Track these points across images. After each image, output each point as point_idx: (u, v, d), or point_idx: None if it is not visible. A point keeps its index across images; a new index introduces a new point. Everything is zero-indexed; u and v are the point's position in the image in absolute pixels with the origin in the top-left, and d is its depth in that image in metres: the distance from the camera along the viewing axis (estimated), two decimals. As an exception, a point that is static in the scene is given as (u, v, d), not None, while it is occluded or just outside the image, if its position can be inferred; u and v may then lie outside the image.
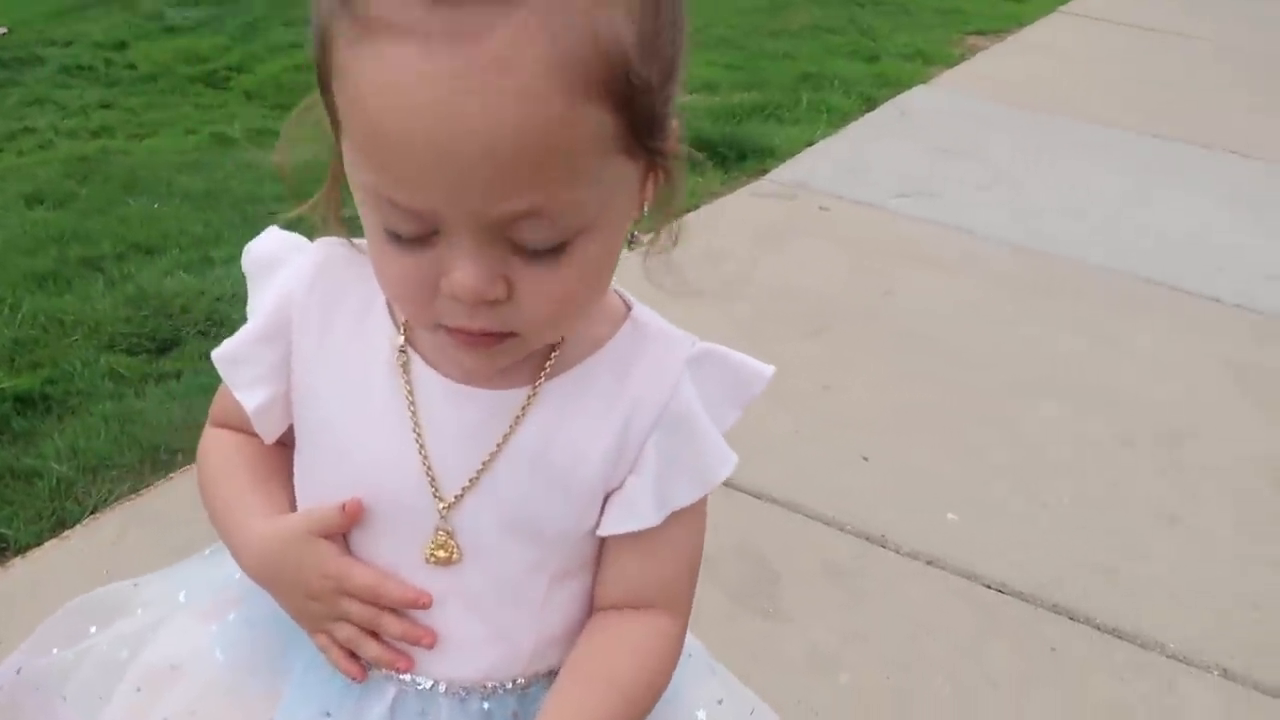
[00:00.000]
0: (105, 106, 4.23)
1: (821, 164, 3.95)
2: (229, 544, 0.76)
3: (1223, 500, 2.21)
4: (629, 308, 0.71)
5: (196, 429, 1.92)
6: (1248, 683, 1.72)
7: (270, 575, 0.73)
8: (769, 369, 0.71)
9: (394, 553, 0.71)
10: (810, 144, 4.14)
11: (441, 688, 0.71)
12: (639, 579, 0.72)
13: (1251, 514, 2.18)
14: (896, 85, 5.15)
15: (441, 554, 0.70)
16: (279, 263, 0.76)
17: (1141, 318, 3.04)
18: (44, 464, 1.84)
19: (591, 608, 0.74)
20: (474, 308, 0.59)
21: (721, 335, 0.74)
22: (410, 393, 0.69)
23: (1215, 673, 1.74)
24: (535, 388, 0.68)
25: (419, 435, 0.69)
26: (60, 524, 1.73)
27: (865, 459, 2.19)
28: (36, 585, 1.62)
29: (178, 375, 2.17)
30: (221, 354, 0.76)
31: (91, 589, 1.51)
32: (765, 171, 3.81)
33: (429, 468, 0.69)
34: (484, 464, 0.68)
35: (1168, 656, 1.76)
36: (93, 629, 0.88)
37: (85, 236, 2.76)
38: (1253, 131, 5.10)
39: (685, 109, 2.34)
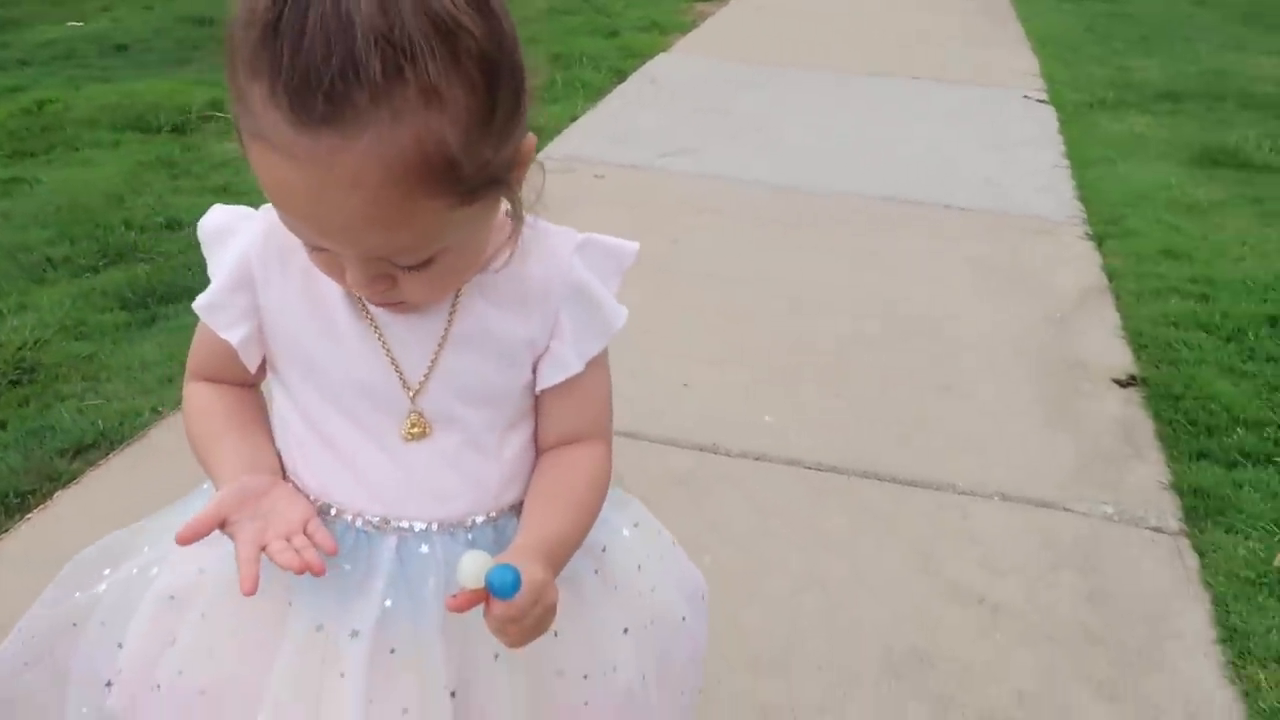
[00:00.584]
0: None
1: (588, 136, 4.19)
2: (213, 481, 0.88)
3: (980, 368, 2.61)
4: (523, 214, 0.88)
5: (38, 472, 1.93)
6: (1019, 499, 2.10)
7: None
8: (634, 244, 0.91)
9: (378, 435, 0.86)
10: (574, 119, 4.37)
11: (434, 528, 0.87)
12: (573, 418, 0.90)
13: (1003, 374, 2.59)
14: (640, 55, 5.47)
15: (416, 430, 0.86)
16: (230, 230, 0.88)
17: (889, 231, 3.46)
18: (-113, 530, 1.79)
19: (537, 450, 0.92)
20: (371, 295, 0.79)
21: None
22: (367, 313, 0.84)
23: (996, 498, 2.10)
24: (459, 290, 0.84)
25: (383, 341, 0.84)
26: (-77, 583, 1.70)
27: (685, 385, 2.45)
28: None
29: (2, 426, 2.13)
30: (202, 304, 0.87)
31: None
32: (539, 149, 4.00)
33: (396, 366, 0.84)
34: (434, 355, 0.84)
35: (958, 494, 2.11)
36: (106, 571, 0.97)
37: None
38: (959, 62, 5.76)
39: None
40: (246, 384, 0.94)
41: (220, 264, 0.87)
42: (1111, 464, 2.23)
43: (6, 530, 1.83)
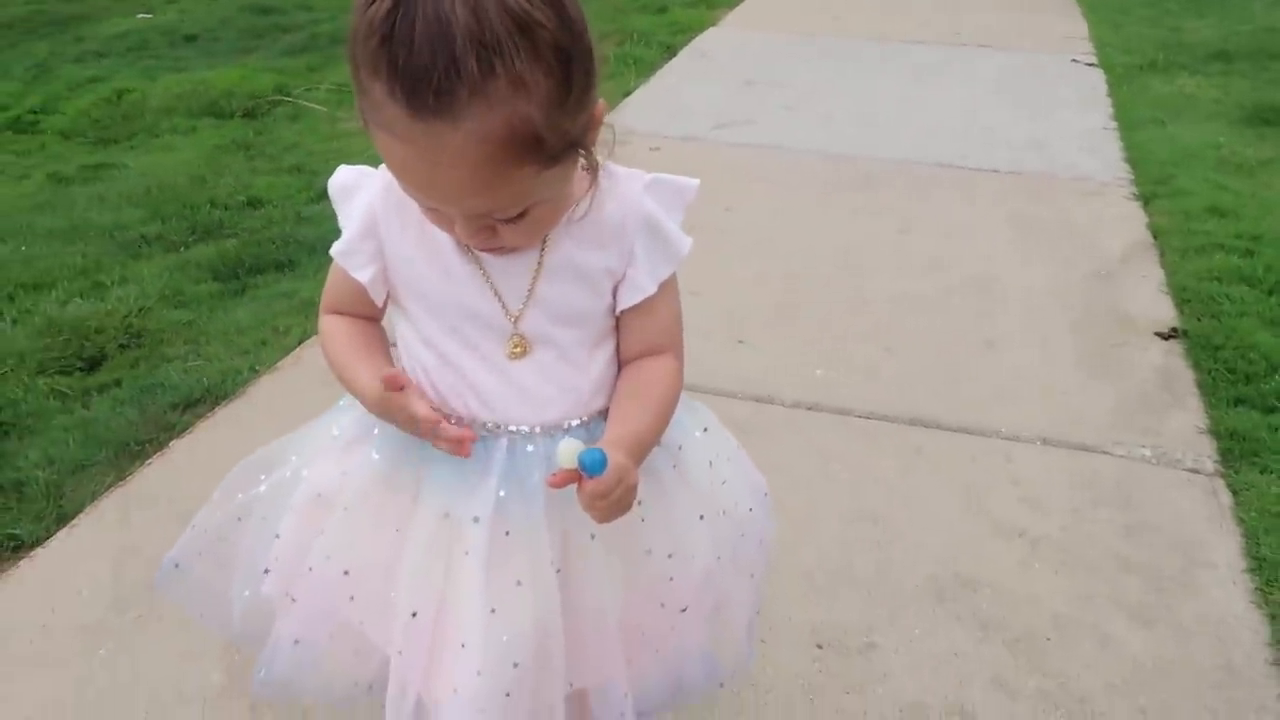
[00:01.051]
0: (-83, 170, 4.15)
1: (643, 110, 4.32)
2: (354, 394, 1.05)
3: (1024, 324, 2.72)
4: (601, 161, 1.03)
5: (155, 423, 2.13)
6: (1060, 444, 2.21)
7: (380, 413, 1.02)
8: (695, 181, 1.05)
9: (488, 355, 1.01)
10: (628, 94, 4.50)
11: (537, 429, 1.02)
12: (650, 333, 1.05)
13: (1046, 328, 2.69)
14: (689, 30, 5.58)
15: (518, 350, 1.01)
16: (356, 186, 1.04)
17: (937, 194, 3.55)
18: (28, 473, 2.01)
19: (620, 363, 1.07)
20: (475, 243, 0.94)
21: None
22: (473, 254, 0.99)
23: (1038, 443, 2.22)
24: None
25: (487, 277, 0.99)
26: (62, 519, 1.91)
27: (741, 342, 2.59)
28: (56, 574, 1.80)
29: (118, 383, 2.34)
30: (338, 250, 1.04)
31: (108, 570, 1.74)
32: (594, 125, 4.15)
33: (498, 295, 1.00)
34: (530, 286, 0.99)
35: (1002, 439, 2.23)
36: (263, 475, 1.14)
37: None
38: (1005, 28, 5.79)
39: None
40: (371, 318, 1.10)
41: (349, 215, 1.03)
42: (1151, 411, 2.33)
43: (132, 473, 2.04)
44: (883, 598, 1.78)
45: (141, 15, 6.49)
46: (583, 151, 0.90)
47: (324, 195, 1.04)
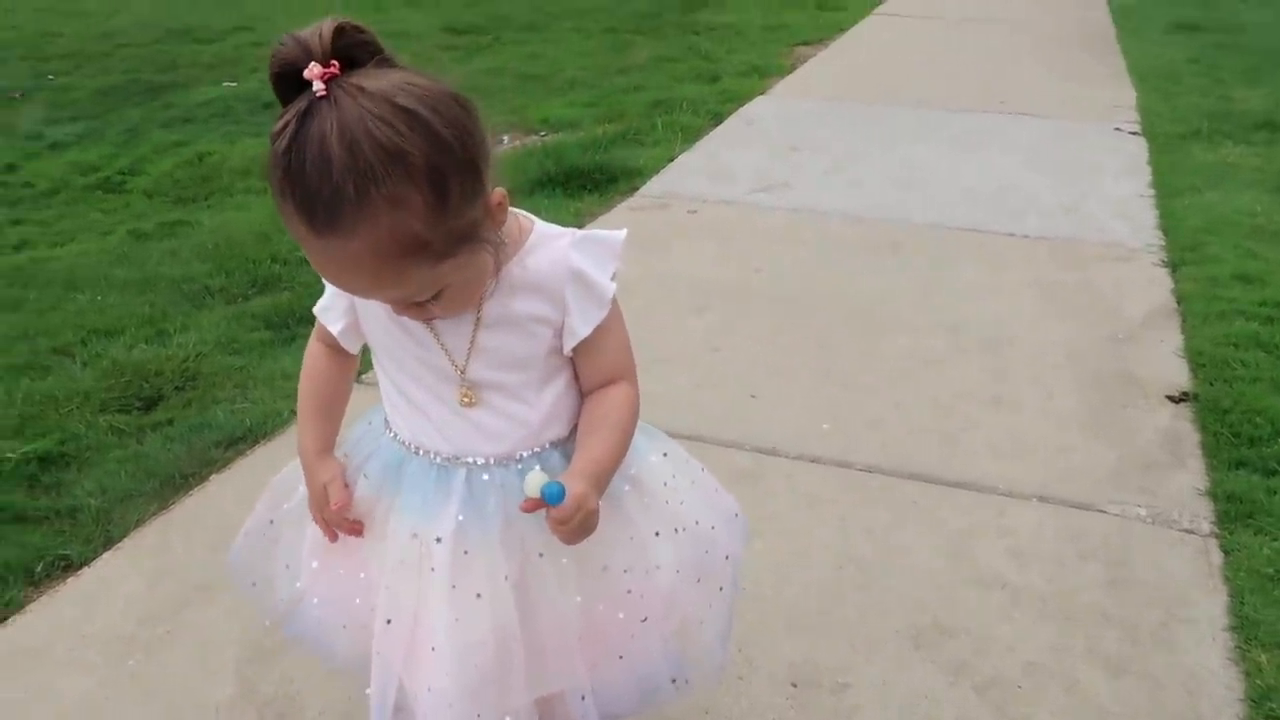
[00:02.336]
0: (17, 223, 4.50)
1: (684, 175, 4.50)
2: (299, 441, 1.27)
3: (1035, 383, 2.78)
4: (532, 225, 1.16)
5: (199, 458, 2.31)
6: (1055, 500, 2.26)
7: (305, 471, 1.26)
8: (621, 233, 1.18)
9: (444, 399, 1.15)
10: (671, 160, 4.69)
11: (492, 461, 1.16)
12: (600, 367, 1.18)
13: (1055, 388, 2.75)
14: (738, 99, 5.77)
15: (466, 400, 1.15)
16: None
17: (963, 259, 3.63)
18: (82, 501, 2.20)
19: (580, 396, 1.20)
20: (409, 316, 1.09)
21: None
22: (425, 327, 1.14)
23: (1034, 500, 2.28)
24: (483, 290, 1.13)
25: (436, 335, 1.14)
26: (108, 542, 2.09)
27: (753, 396, 2.70)
28: (98, 591, 1.98)
29: (170, 422, 2.54)
30: (318, 307, 1.21)
31: (143, 589, 1.91)
32: (636, 189, 4.34)
33: (445, 350, 1.14)
34: (471, 340, 1.13)
35: (998, 494, 2.29)
36: (300, 487, 1.30)
37: (47, 331, 3.09)
38: (1051, 97, 5.87)
39: (556, 146, 2.96)
40: (347, 356, 1.27)
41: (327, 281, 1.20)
42: (1151, 471, 2.37)
43: (174, 503, 2.22)
44: (861, 641, 1.86)
45: (227, 84, 6.92)
46: (478, 241, 1.02)
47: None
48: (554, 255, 1.14)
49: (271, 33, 8.51)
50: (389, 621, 1.17)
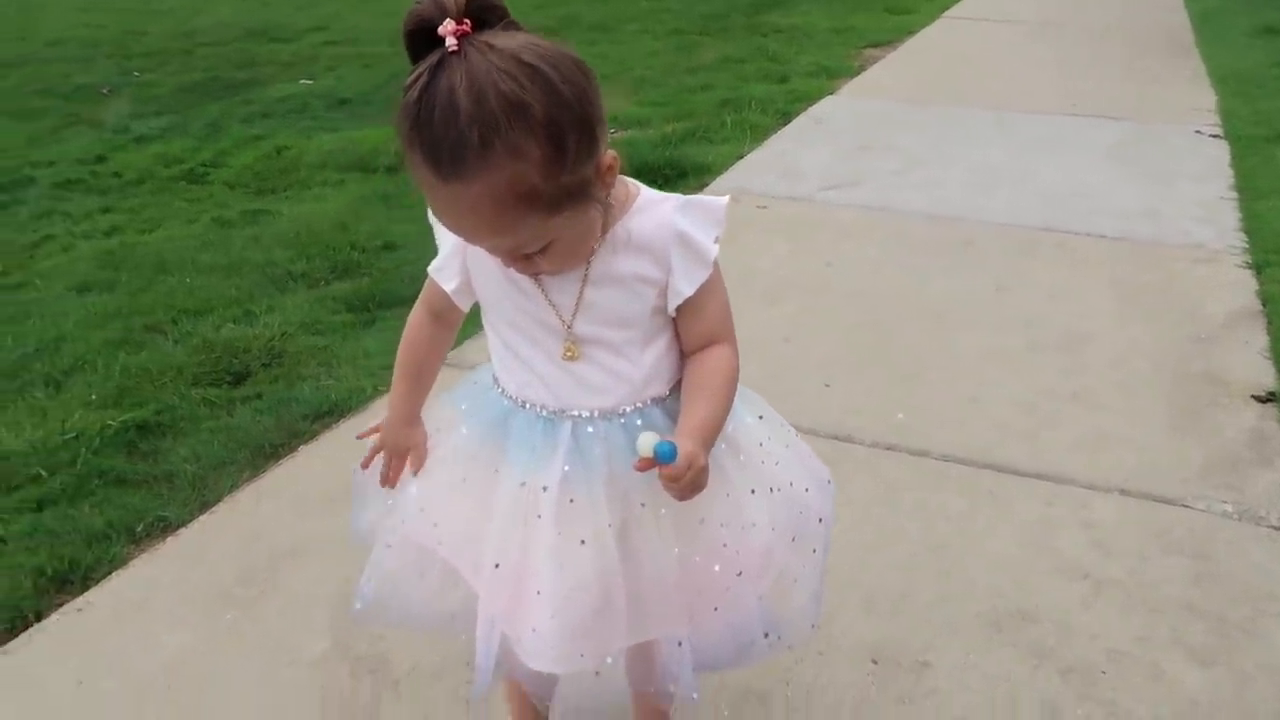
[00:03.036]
0: (106, 211, 4.66)
1: (753, 172, 4.51)
2: (390, 404, 1.33)
3: (1114, 381, 2.75)
4: (639, 190, 1.20)
5: (288, 430, 2.38)
6: (1138, 495, 2.24)
7: (386, 429, 1.34)
8: (725, 198, 1.20)
9: (550, 353, 1.20)
10: (740, 157, 4.71)
11: (596, 414, 1.20)
12: (702, 328, 1.21)
13: (1137, 385, 2.71)
14: (807, 99, 5.77)
15: (569, 354, 1.19)
16: None
17: (1038, 257, 3.60)
18: (178, 467, 2.28)
19: (681, 358, 1.23)
20: (516, 270, 1.13)
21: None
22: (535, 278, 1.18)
23: (1115, 493, 2.25)
24: (593, 248, 1.17)
25: (544, 290, 1.18)
26: (204, 505, 2.17)
27: (827, 385, 2.70)
28: (196, 551, 2.05)
29: (259, 396, 2.62)
30: (433, 266, 1.26)
31: (242, 550, 1.97)
32: (705, 184, 4.36)
33: (553, 305, 1.18)
34: (578, 296, 1.17)
35: (1079, 487, 2.27)
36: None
37: (140, 310, 3.21)
38: (1126, 100, 5.79)
39: (628, 143, 3.00)
40: (453, 321, 1.33)
41: (443, 236, 1.24)
42: (1237, 468, 2.34)
43: (265, 471, 2.29)
44: (941, 623, 1.86)
45: (304, 81, 7.09)
46: (588, 199, 1.06)
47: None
48: (659, 218, 1.17)
49: (346, 33, 8.66)
50: (497, 565, 1.21)
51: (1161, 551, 2.06)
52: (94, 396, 2.62)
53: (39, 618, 1.87)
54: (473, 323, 1.32)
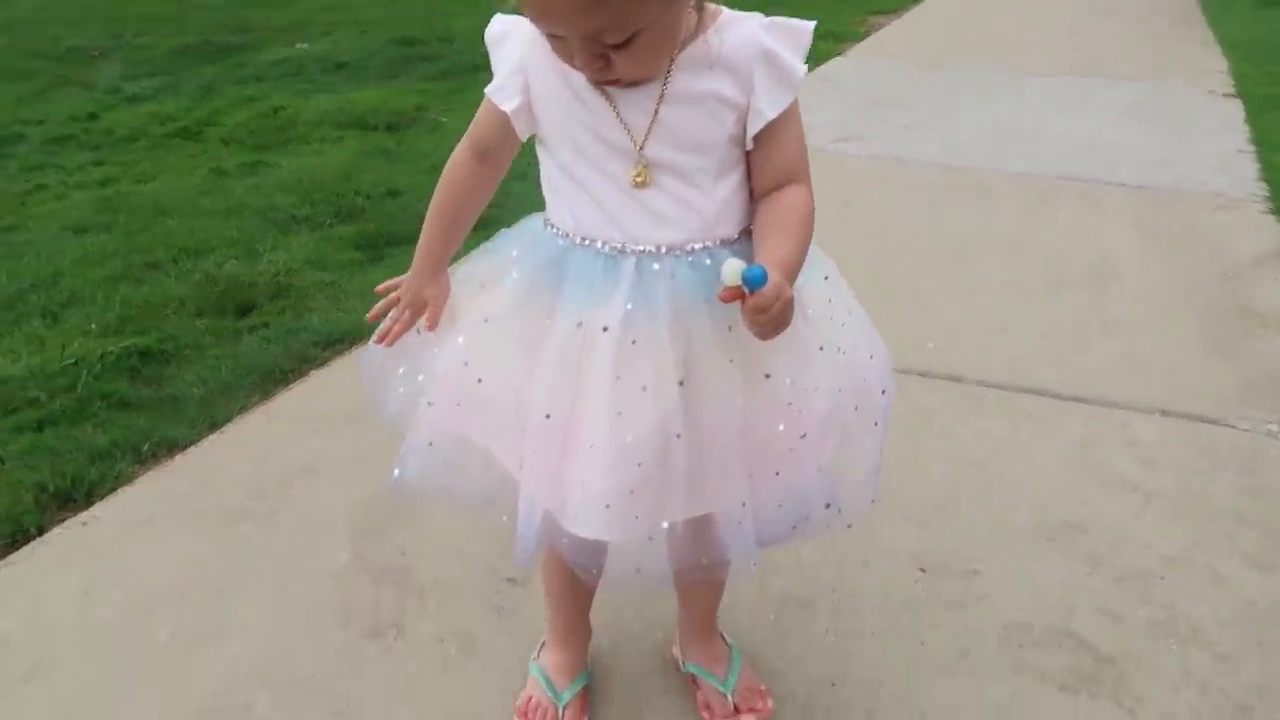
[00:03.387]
0: (99, 164, 4.54)
1: (764, 125, 4.42)
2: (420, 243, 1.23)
3: (1145, 312, 2.67)
4: (722, 9, 1.12)
5: (297, 356, 2.28)
6: (1180, 415, 2.17)
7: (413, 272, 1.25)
8: (811, 22, 1.12)
9: (616, 179, 1.10)
10: (750, 111, 4.61)
11: (663, 249, 1.10)
12: (779, 164, 1.12)
13: (1168, 316, 2.64)
14: (814, 60, 5.67)
15: (639, 179, 1.10)
16: (507, 34, 1.15)
17: (1061, 203, 3.53)
18: (185, 390, 2.19)
19: (753, 198, 1.14)
20: (590, 73, 1.04)
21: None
22: (606, 92, 1.09)
23: (1156, 414, 2.18)
24: (672, 62, 1.08)
25: (615, 106, 1.09)
26: (212, 426, 2.08)
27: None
28: (206, 468, 1.96)
29: (266, 325, 2.53)
30: (492, 87, 1.16)
31: (254, 468, 1.88)
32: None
33: (624, 123, 1.09)
34: (653, 115, 1.08)
35: (1119, 409, 2.20)
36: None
37: (139, 249, 3.10)
38: (1139, 63, 5.72)
39: None
40: (499, 163, 1.22)
41: (501, 59, 1.15)
42: (1278, 391, 2.27)
43: (275, 395, 2.20)
44: (988, 533, 1.78)
45: (299, 45, 6.97)
46: None
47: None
48: (744, 35, 1.09)
49: (342, 2, 8.48)
50: (548, 416, 1.11)
51: (1209, 467, 1.98)
52: (93, 326, 2.52)
53: (41, 532, 1.77)
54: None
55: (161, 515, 1.81)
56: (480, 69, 0.98)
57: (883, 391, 1.26)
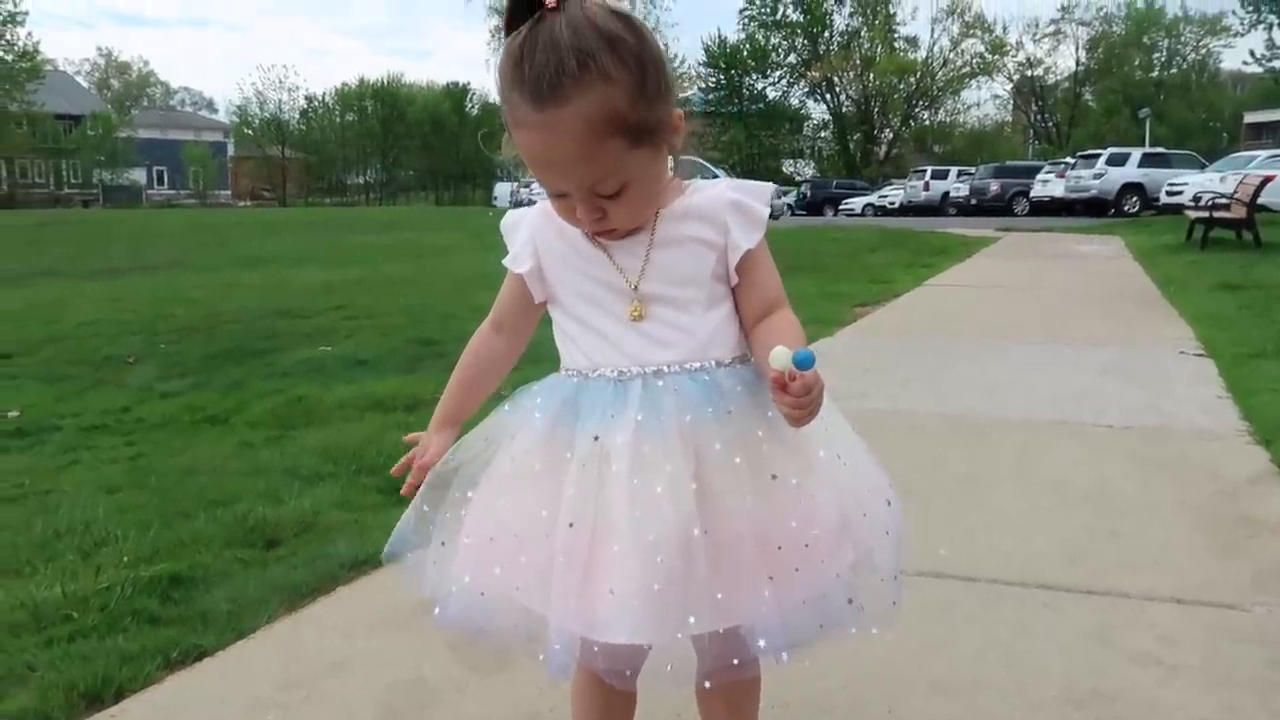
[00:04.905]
0: (131, 444, 4.74)
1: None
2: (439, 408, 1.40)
3: (1149, 522, 2.75)
4: (694, 181, 1.33)
5: (323, 576, 2.33)
6: (1195, 602, 2.19)
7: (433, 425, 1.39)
8: (770, 184, 1.34)
9: (617, 315, 1.28)
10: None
11: (664, 368, 1.25)
12: (761, 293, 1.29)
13: (1172, 525, 2.71)
14: (806, 341, 6.06)
15: (636, 313, 1.27)
16: (519, 220, 1.37)
17: (1056, 441, 3.68)
18: (213, 605, 2.22)
19: (745, 331, 1.29)
20: (590, 224, 1.25)
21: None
22: (603, 246, 1.29)
23: (1171, 601, 2.20)
24: (657, 217, 1.28)
25: (610, 257, 1.28)
26: (241, 634, 2.09)
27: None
28: (233, 668, 1.96)
29: (293, 554, 2.59)
30: (508, 259, 1.37)
31: (282, 666, 1.95)
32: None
33: (619, 268, 1.28)
34: (645, 258, 1.27)
35: (1133, 599, 2.22)
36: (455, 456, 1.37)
37: (170, 501, 3.21)
38: (1108, 331, 6.11)
39: None
40: (517, 335, 1.41)
41: (515, 237, 1.37)
42: (1290, 582, 2.30)
43: (303, 607, 2.23)
44: (1018, 703, 1.77)
45: (323, 348, 7.42)
46: (663, 143, 1.21)
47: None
48: (715, 192, 1.32)
49: (363, 310, 9.11)
50: (571, 525, 1.20)
51: (1232, 641, 2.00)
52: (126, 559, 2.59)
53: (68, 729, 1.77)
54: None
55: (190, 706, 1.81)
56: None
57: (888, 503, 1.35)
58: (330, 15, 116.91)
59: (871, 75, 57.88)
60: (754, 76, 58.66)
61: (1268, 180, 12.88)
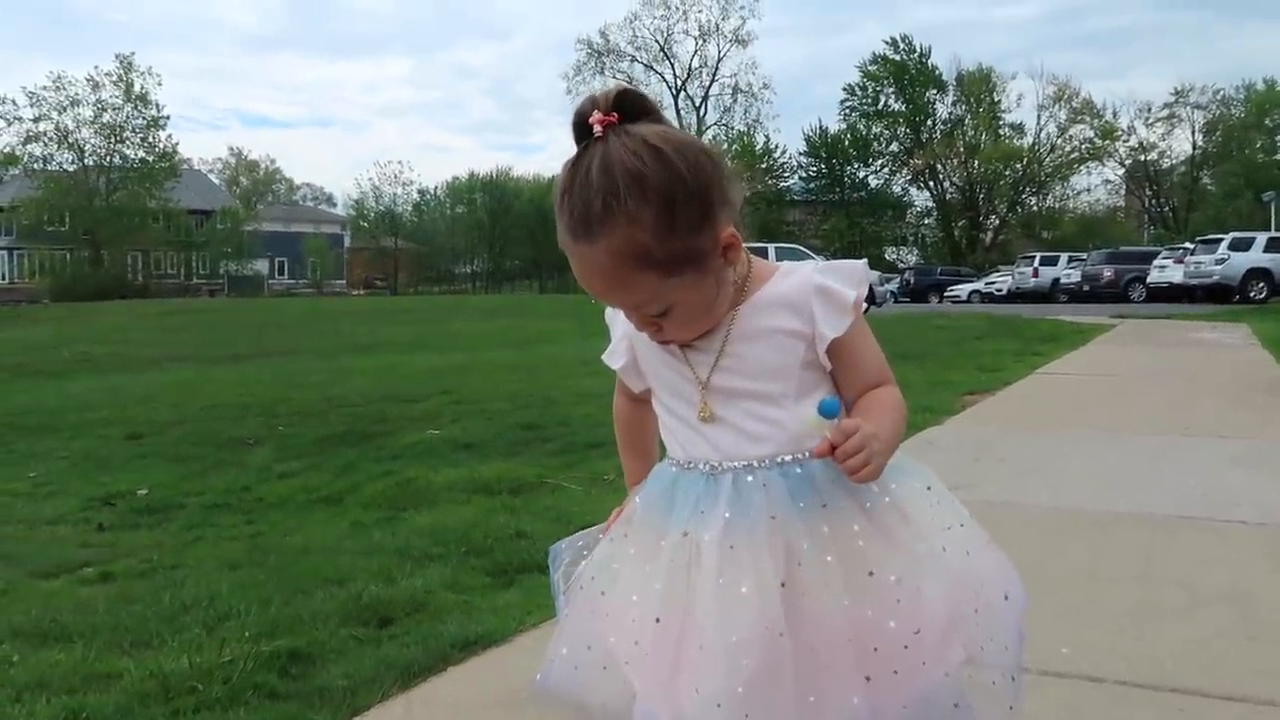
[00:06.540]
0: (250, 523, 4.93)
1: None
2: (626, 477, 1.44)
3: (1292, 627, 2.59)
4: (781, 265, 1.33)
5: (435, 655, 2.37)
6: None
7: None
8: (862, 260, 1.33)
9: (685, 417, 1.31)
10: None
11: (754, 463, 1.25)
12: (859, 374, 1.29)
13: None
14: (915, 429, 5.95)
15: (704, 414, 1.29)
16: (617, 314, 1.39)
17: (1181, 537, 3.52)
18: (330, 681, 2.28)
19: (848, 412, 1.27)
20: (649, 335, 1.30)
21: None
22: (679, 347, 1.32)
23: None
24: (733, 314, 1.29)
25: (686, 360, 1.31)
26: (355, 711, 2.14)
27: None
28: None
29: (406, 633, 2.65)
30: (605, 355, 1.43)
31: None
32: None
33: (692, 369, 1.30)
34: (714, 362, 1.29)
35: (1276, 706, 2.09)
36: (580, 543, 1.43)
37: (287, 579, 3.32)
38: (1229, 423, 5.84)
39: None
40: (644, 398, 1.44)
41: (614, 329, 1.42)
42: None
43: (415, 686, 2.26)
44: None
45: (431, 431, 7.61)
46: (705, 267, 1.22)
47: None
48: (800, 279, 1.32)
49: (469, 395, 9.36)
50: (658, 620, 1.21)
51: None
52: (247, 634, 2.68)
53: (190, 799, 1.82)
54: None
55: (307, 783, 1.84)
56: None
57: (1005, 597, 1.31)
58: (444, 114, 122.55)
59: (976, 162, 57.57)
60: (855, 165, 58.98)
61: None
